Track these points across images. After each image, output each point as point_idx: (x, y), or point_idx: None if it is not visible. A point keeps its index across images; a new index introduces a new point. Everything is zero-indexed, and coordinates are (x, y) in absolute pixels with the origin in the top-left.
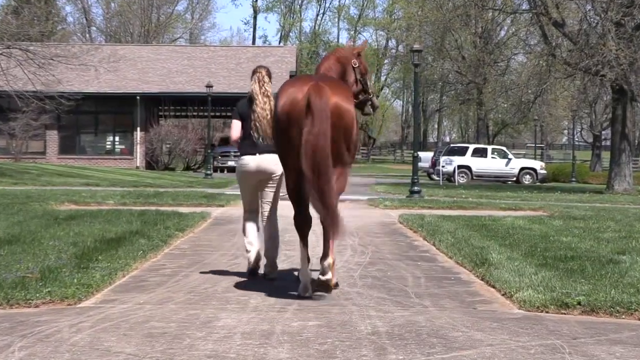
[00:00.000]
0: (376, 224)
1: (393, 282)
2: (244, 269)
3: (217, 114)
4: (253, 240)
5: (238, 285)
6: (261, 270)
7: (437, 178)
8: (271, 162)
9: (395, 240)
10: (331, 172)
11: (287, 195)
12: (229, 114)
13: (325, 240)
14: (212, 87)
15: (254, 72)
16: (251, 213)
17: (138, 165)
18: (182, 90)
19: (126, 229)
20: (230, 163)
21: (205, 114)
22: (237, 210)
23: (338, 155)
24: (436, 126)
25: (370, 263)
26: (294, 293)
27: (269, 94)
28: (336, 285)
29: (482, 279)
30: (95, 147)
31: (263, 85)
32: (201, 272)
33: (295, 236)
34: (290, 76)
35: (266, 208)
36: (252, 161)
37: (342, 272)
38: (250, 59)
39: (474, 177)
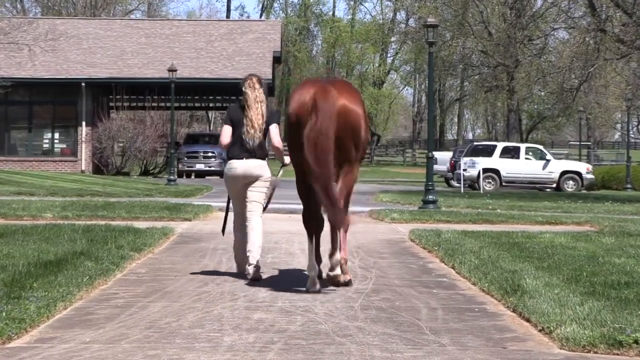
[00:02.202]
0: (381, 242)
1: (402, 314)
2: (215, 297)
3: (183, 104)
4: (240, 246)
5: (209, 319)
6: (251, 272)
7: (457, 184)
8: (257, 167)
9: (404, 262)
10: (332, 167)
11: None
12: (197, 104)
13: (333, 237)
14: (176, 71)
15: (245, 79)
16: (243, 221)
17: (83, 168)
18: (139, 75)
19: (68, 249)
20: (199, 166)
21: (168, 104)
22: (207, 224)
23: (345, 153)
24: (456, 120)
25: (374, 291)
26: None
27: (260, 100)
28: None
29: (513, 311)
30: (29, 146)
31: (254, 91)
32: (162, 303)
33: (279, 257)
34: (275, 57)
35: (249, 208)
36: (239, 165)
37: (338, 302)
38: (223, 36)
39: (504, 184)
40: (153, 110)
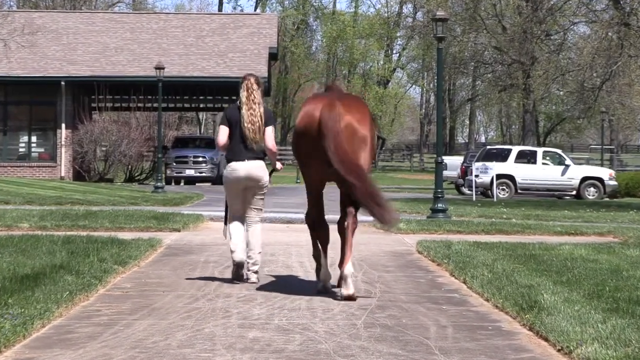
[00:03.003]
0: (386, 254)
1: (409, 332)
2: (206, 314)
3: (171, 105)
4: (238, 242)
5: (200, 338)
6: (253, 279)
7: (469, 192)
8: (259, 169)
9: (412, 275)
10: (364, 170)
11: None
12: (186, 105)
13: (346, 248)
14: (163, 68)
15: (243, 79)
16: (238, 218)
17: (63, 174)
18: (123, 73)
19: (47, 262)
20: (189, 172)
21: (155, 105)
22: (197, 235)
23: None
24: (467, 122)
25: (379, 307)
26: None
27: (257, 101)
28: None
29: (530, 329)
30: (3, 150)
31: (252, 92)
32: (149, 320)
33: (276, 270)
34: (270, 54)
35: (250, 214)
36: (241, 167)
37: (340, 319)
38: (215, 31)
39: (519, 191)
40: (139, 112)
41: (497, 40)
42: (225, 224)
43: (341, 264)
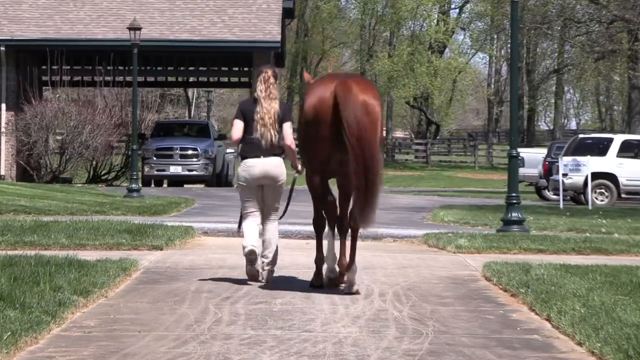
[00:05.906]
0: (442, 281)
1: None
2: None
3: (151, 79)
4: (251, 237)
5: None
6: (266, 277)
7: (555, 196)
8: (276, 166)
9: (476, 310)
10: (379, 158)
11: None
12: (171, 78)
13: (352, 243)
14: (140, 29)
15: (260, 72)
16: (252, 217)
17: (3, 173)
18: (85, 35)
19: None
20: (174, 169)
21: (129, 79)
22: (186, 255)
23: None
24: (552, 101)
25: (432, 352)
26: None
27: (273, 96)
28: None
29: None
30: None
31: (269, 87)
32: None
33: (291, 302)
34: (285, 10)
35: (267, 214)
36: (257, 165)
37: None
38: None
39: (623, 195)
40: (107, 88)
41: None
42: (240, 224)
43: (343, 264)
